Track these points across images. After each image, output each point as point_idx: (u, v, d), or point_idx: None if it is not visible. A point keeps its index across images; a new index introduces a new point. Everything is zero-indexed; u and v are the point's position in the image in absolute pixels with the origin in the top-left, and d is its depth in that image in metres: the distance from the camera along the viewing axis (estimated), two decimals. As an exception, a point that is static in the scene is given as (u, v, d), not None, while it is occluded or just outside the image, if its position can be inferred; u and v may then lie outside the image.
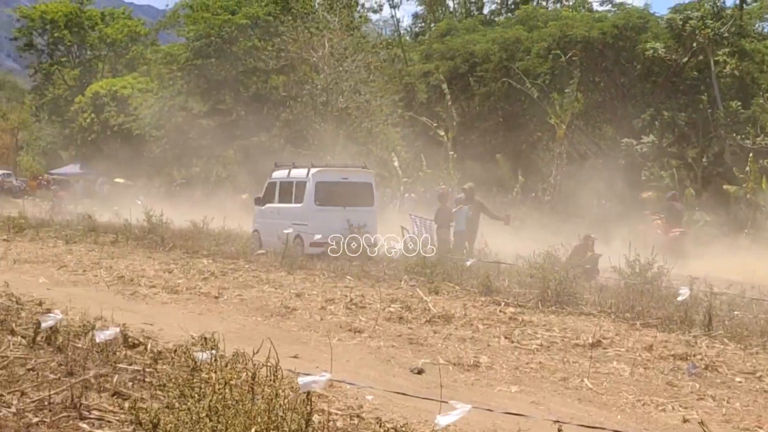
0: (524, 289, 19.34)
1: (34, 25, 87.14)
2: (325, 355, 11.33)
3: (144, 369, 9.94)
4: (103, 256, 26.66)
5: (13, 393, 9.00)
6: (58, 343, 11.14)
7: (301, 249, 26.78)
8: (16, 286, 17.92)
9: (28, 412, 8.41)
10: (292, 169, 29.59)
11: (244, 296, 18.61)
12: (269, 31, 58.68)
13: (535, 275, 19.26)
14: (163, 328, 13.89)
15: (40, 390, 9.12)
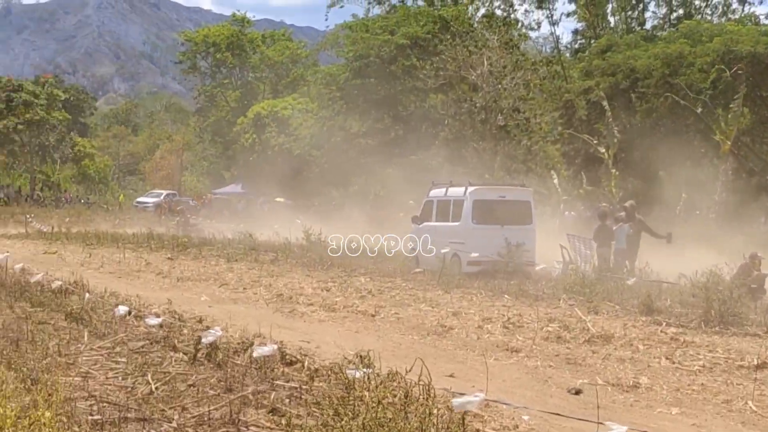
0: (686, 309, 18.86)
1: (198, 48, 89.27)
2: (481, 374, 11.23)
3: (300, 386, 10.01)
4: (263, 274, 27.02)
5: (174, 408, 9.17)
6: (218, 359, 11.32)
7: (458, 267, 26.65)
8: (179, 304, 18.30)
9: (188, 427, 8.54)
10: (449, 188, 29.49)
11: (401, 315, 18.59)
12: (428, 50, 58.77)
13: (698, 295, 18.75)
14: (320, 345, 13.98)
15: (200, 405, 9.26)
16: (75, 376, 10.25)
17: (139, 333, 13.53)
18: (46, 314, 15.34)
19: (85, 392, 9.60)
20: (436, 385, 8.92)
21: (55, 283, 19.03)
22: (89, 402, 9.17)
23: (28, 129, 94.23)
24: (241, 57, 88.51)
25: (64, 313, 15.06)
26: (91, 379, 10.38)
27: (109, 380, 10.42)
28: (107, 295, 18.24)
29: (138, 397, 9.52)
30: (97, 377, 10.52)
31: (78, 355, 11.74)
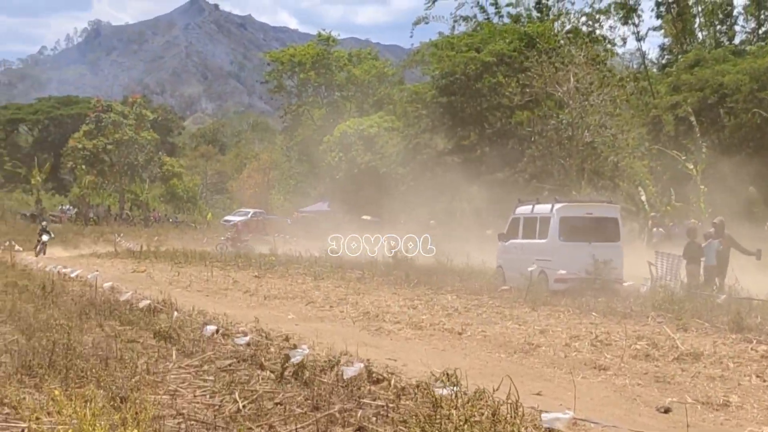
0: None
1: (284, 68, 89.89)
2: (569, 392, 11.11)
3: (387, 404, 9.97)
4: (350, 292, 27.07)
5: (261, 426, 9.18)
6: (304, 377, 11.32)
7: (545, 285, 26.46)
8: (266, 322, 18.38)
9: (275, 445, 8.56)
10: (536, 205, 29.34)
11: (488, 332, 18.50)
12: (514, 67, 58.58)
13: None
14: (407, 363, 13.94)
15: (287, 424, 9.27)
16: (163, 394, 10.32)
17: (227, 351, 13.60)
18: (135, 333, 15.49)
19: (173, 410, 9.66)
20: (523, 404, 8.84)
21: (143, 302, 19.24)
22: (177, 420, 9.23)
23: (117, 149, 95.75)
24: (326, 76, 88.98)
25: (153, 331, 15.19)
26: (179, 397, 10.45)
27: (197, 398, 10.48)
28: (195, 314, 18.39)
29: (225, 416, 9.56)
30: (185, 395, 10.59)
31: (166, 373, 11.83)
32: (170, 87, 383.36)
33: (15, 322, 15.53)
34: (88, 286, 23.52)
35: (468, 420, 7.49)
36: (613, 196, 34.60)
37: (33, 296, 19.77)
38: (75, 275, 29.13)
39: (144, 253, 44.93)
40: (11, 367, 11.24)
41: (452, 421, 7.70)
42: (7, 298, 18.94)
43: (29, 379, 10.77)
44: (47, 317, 15.90)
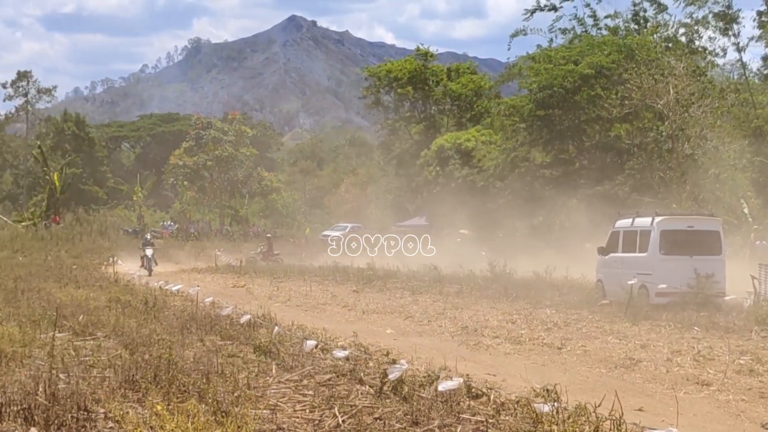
0: None
1: (381, 83, 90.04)
2: (671, 408, 10.97)
3: (487, 420, 9.94)
4: (448, 307, 27.05)
5: (361, 441, 9.21)
6: (403, 392, 11.33)
7: (646, 299, 26.16)
8: (365, 336, 18.44)
9: (374, 460, 8.57)
10: (635, 218, 29.05)
11: (588, 347, 18.35)
12: (612, 80, 58.02)
13: None
14: (506, 379, 13.88)
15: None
16: (264, 409, 10.40)
17: (326, 366, 13.66)
18: (236, 347, 15.64)
19: (274, 425, 9.74)
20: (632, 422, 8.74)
21: (244, 317, 19.44)
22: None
23: (217, 165, 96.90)
24: (424, 90, 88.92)
25: (253, 346, 15.33)
26: (279, 411, 10.52)
27: (297, 413, 10.54)
28: (294, 328, 18.53)
29: (325, 430, 9.60)
30: (285, 410, 10.66)
31: (266, 387, 11.92)
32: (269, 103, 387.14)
33: (118, 337, 15.76)
34: (189, 301, 23.83)
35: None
36: (715, 209, 34.09)
37: (135, 311, 20.06)
38: (176, 290, 29.54)
39: (243, 267, 45.36)
40: (115, 382, 11.40)
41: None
42: (110, 313, 19.25)
43: (132, 393, 10.92)
44: (149, 332, 16.12)
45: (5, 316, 17.43)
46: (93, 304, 21.20)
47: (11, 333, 14.27)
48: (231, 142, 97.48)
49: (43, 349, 13.14)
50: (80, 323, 17.28)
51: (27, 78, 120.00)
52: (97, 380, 11.70)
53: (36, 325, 16.12)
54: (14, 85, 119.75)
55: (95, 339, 15.75)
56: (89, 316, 18.39)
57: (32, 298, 22.00)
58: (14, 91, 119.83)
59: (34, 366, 12.36)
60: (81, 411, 9.70)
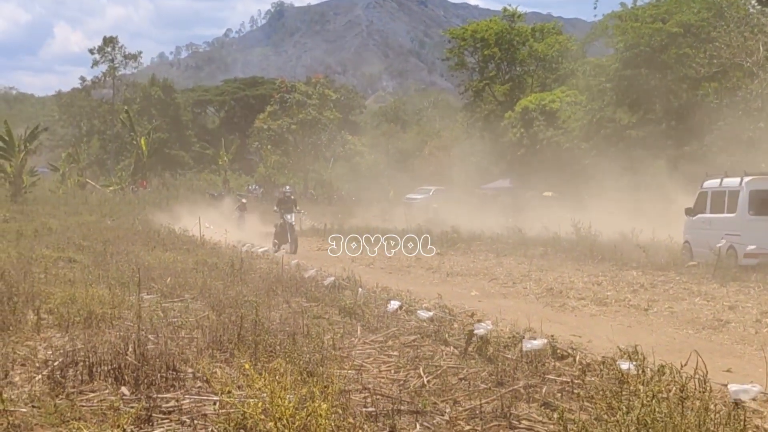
0: None
1: (465, 44, 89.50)
2: (761, 369, 10.82)
3: (572, 380, 9.91)
4: (532, 269, 26.99)
5: (446, 401, 9.23)
6: (488, 353, 11.35)
7: (734, 260, 25.83)
8: (449, 298, 18.47)
9: (460, 420, 8.59)
10: (724, 179, 28.64)
11: (675, 309, 18.18)
12: (700, 38, 57.11)
13: None
14: (592, 340, 13.81)
15: (471, 399, 9.30)
16: (349, 369, 10.46)
17: (410, 327, 13.70)
18: (321, 309, 15.73)
19: (359, 385, 9.79)
20: (712, 381, 8.65)
21: (328, 279, 19.55)
22: (363, 394, 9.35)
23: (301, 129, 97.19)
24: (509, 52, 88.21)
25: (338, 307, 15.41)
26: (364, 372, 10.58)
27: (382, 373, 10.59)
28: (379, 291, 18.59)
29: (410, 390, 9.64)
30: (371, 370, 10.72)
31: (352, 348, 11.99)
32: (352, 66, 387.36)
33: (206, 298, 15.94)
34: (275, 263, 24.00)
35: (655, 396, 7.36)
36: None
37: (222, 273, 20.26)
38: (262, 252, 29.77)
39: (327, 230, 45.55)
40: (203, 342, 11.55)
41: (639, 397, 7.58)
42: (197, 275, 19.45)
43: (220, 353, 11.05)
44: (236, 294, 16.28)
45: (95, 279, 17.69)
46: (180, 267, 21.45)
47: (101, 295, 14.47)
48: (314, 105, 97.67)
49: (132, 311, 13.33)
50: (168, 285, 17.50)
51: (113, 43, 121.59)
52: (185, 341, 11.86)
53: (125, 287, 16.35)
54: (101, 51, 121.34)
55: (183, 301, 15.94)
56: (177, 278, 18.61)
57: (121, 261, 22.31)
58: (101, 56, 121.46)
59: (123, 327, 12.55)
60: (170, 371, 9.84)
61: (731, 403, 8.01)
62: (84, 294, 14.15)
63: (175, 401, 8.89)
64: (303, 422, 7.36)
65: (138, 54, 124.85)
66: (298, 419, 7.36)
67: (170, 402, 8.87)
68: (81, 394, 9.14)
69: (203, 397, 9.01)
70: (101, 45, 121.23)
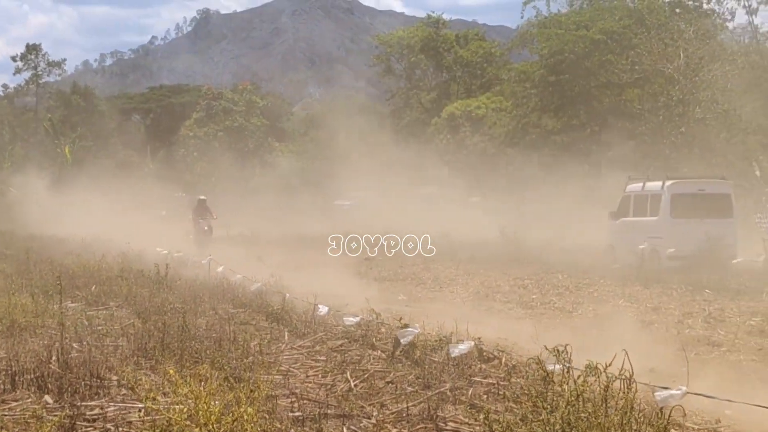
0: None
1: (392, 51, 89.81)
2: (682, 369, 10.98)
3: (498, 382, 9.99)
4: (460, 273, 27.15)
5: (373, 405, 9.27)
6: (415, 356, 11.41)
7: (657, 262, 26.22)
8: (377, 303, 18.47)
9: (387, 423, 8.63)
10: (646, 182, 29.07)
11: (599, 311, 18.43)
12: (623, 45, 57.86)
13: None
14: (517, 342, 13.92)
15: (398, 402, 9.36)
16: (276, 374, 10.46)
17: (338, 332, 13.75)
18: (248, 315, 15.71)
19: (287, 390, 9.80)
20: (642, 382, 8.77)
21: (255, 285, 19.49)
22: (290, 399, 9.36)
23: (228, 136, 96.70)
24: (435, 58, 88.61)
25: (265, 313, 15.40)
26: (291, 377, 10.60)
27: (309, 378, 10.62)
28: (307, 296, 18.57)
29: (337, 395, 9.67)
30: (298, 375, 10.74)
31: (279, 354, 12.01)
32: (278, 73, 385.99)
33: (131, 306, 15.84)
34: (202, 270, 23.88)
35: (580, 395, 7.45)
36: (726, 173, 34.02)
37: (148, 281, 20.12)
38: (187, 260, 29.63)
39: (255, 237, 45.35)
40: (128, 350, 11.49)
41: (564, 397, 7.67)
42: (123, 283, 19.31)
43: (145, 361, 11.01)
44: (161, 301, 16.19)
45: (18, 287, 17.49)
46: (105, 275, 21.25)
47: (24, 303, 14.33)
48: (241, 112, 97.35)
49: (56, 319, 13.20)
50: (93, 293, 17.36)
51: (36, 51, 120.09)
52: (110, 349, 11.79)
53: (48, 295, 16.19)
54: (24, 59, 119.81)
55: (108, 309, 15.82)
56: (102, 286, 18.46)
57: (44, 270, 22.06)
58: (24, 64, 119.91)
59: (47, 335, 12.43)
60: (94, 378, 9.78)
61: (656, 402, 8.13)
62: (6, 303, 13.99)
63: (100, 409, 8.84)
64: (229, 427, 7.35)
65: (62, 61, 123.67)
66: (224, 424, 7.35)
67: (95, 410, 8.81)
68: (3, 403, 9.07)
69: (128, 405, 8.96)
70: (24, 52, 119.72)
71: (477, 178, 67.16)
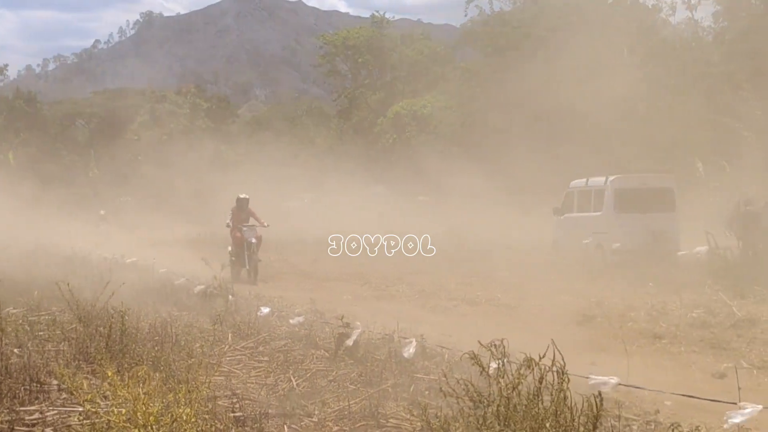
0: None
1: (337, 51, 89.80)
2: (624, 361, 11.11)
3: (439, 378, 10.03)
4: (405, 272, 27.17)
5: (315, 403, 9.28)
6: (359, 355, 11.42)
7: (601, 257, 26.41)
8: (322, 303, 18.51)
9: (329, 421, 8.65)
10: (590, 178, 29.26)
11: (543, 306, 18.54)
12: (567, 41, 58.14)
13: None
14: (461, 338, 13.97)
15: (340, 400, 9.38)
16: (218, 376, 10.44)
17: (282, 332, 13.74)
18: (192, 317, 15.65)
19: (228, 390, 9.78)
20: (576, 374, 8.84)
21: (198, 287, 19.42)
22: (232, 400, 9.34)
23: (172, 139, 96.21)
24: (380, 58, 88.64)
25: (209, 315, 15.34)
26: (234, 377, 10.59)
27: (252, 378, 10.62)
28: (251, 297, 18.56)
29: (279, 394, 9.68)
30: (240, 376, 10.74)
31: (222, 355, 11.96)
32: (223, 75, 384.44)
33: (74, 311, 15.72)
34: (145, 272, 23.75)
35: (515, 388, 7.52)
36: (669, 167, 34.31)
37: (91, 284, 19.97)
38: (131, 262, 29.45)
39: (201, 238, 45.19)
40: (69, 354, 11.42)
41: (501, 390, 7.74)
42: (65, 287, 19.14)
43: (86, 365, 10.95)
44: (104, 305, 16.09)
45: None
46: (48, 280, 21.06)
47: (-38, 311, 14.19)
48: (186, 115, 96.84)
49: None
50: (35, 299, 17.23)
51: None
52: (51, 353, 11.71)
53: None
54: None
55: (50, 314, 15.70)
56: (44, 291, 18.32)
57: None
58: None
59: (-15, 342, 12.32)
60: (34, 383, 9.72)
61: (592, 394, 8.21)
62: (-57, 310, 13.86)
63: (39, 413, 8.79)
64: (168, 428, 7.33)
65: (4, 67, 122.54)
66: (163, 425, 7.33)
67: (34, 414, 8.76)
68: (-59, 411, 8.97)
69: (68, 408, 8.92)
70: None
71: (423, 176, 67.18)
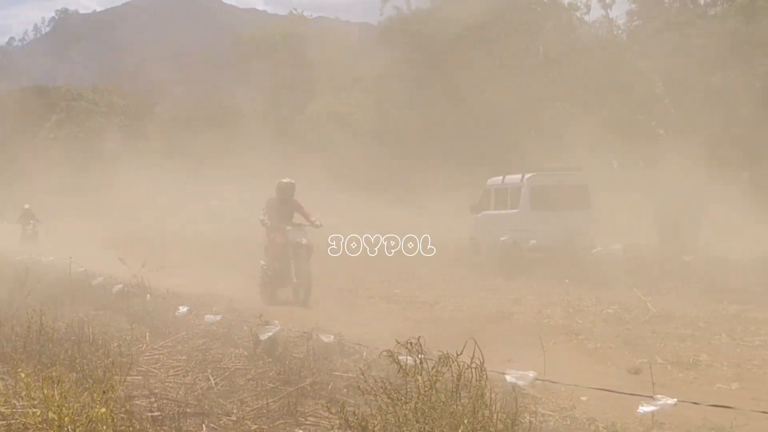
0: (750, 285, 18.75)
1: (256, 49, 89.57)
2: (540, 358, 11.22)
3: (358, 376, 10.08)
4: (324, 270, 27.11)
5: (233, 402, 9.27)
6: (277, 353, 11.42)
7: (519, 255, 26.61)
8: (240, 302, 18.47)
9: (247, 420, 8.64)
10: (506, 175, 29.45)
11: (461, 303, 18.68)
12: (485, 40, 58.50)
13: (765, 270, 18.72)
14: (380, 336, 14.04)
15: (258, 398, 9.37)
16: (136, 375, 10.38)
17: (200, 331, 13.68)
18: (109, 317, 15.52)
19: (146, 390, 9.73)
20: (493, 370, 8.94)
21: (116, 286, 19.26)
22: (150, 399, 9.30)
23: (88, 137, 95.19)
24: (298, 56, 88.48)
25: (127, 314, 15.24)
26: (151, 377, 10.53)
27: (170, 378, 10.56)
28: (169, 296, 18.45)
29: (197, 393, 9.64)
30: (158, 375, 10.67)
31: (139, 354, 11.88)
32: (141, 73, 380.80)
33: (-12, 311, 15.52)
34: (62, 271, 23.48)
35: (433, 385, 7.59)
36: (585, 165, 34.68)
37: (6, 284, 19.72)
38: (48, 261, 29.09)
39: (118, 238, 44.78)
40: (-17, 355, 11.28)
41: (418, 387, 7.80)
42: (-22, 288, 18.90)
43: (2, 366, 10.80)
44: (20, 304, 15.90)
45: None
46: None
47: None
48: (102, 113, 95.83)
49: None
50: (-54, 301, 17.00)
51: None
52: (-36, 356, 11.55)
53: None
54: None
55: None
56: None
57: None
58: None
59: None
60: (-55, 386, 9.58)
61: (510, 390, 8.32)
62: None
63: (-49, 417, 8.67)
64: (84, 428, 7.28)
65: None
66: (79, 426, 7.28)
67: (-54, 418, 8.64)
68: None
69: (-18, 410, 8.80)
70: None
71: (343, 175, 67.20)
